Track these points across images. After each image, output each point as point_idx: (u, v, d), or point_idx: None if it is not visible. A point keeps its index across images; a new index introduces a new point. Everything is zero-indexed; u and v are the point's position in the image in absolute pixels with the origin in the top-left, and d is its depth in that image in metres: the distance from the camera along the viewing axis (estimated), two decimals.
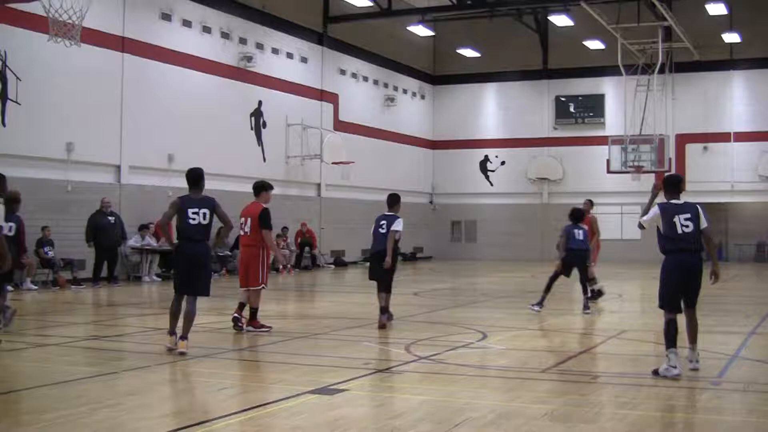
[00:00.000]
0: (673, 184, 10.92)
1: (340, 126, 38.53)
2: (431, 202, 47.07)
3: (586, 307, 17.83)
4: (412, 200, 43.58)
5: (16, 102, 24.19)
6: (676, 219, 10.59)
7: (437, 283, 28.23)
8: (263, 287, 14.82)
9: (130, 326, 16.20)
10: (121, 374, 10.64)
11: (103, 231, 25.19)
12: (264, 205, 14.93)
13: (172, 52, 29.61)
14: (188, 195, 12.47)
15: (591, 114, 44.49)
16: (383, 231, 15.38)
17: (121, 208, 26.83)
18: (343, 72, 39.46)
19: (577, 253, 17.92)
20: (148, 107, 28.42)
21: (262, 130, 33.87)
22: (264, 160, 33.70)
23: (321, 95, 37.62)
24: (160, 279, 27.10)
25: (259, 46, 33.75)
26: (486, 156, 46.38)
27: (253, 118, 33.47)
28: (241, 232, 15.03)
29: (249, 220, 14.74)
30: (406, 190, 42.48)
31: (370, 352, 12.93)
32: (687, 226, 10.58)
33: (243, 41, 32.99)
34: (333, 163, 35.71)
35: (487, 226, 45.87)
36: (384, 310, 15.37)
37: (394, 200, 15.83)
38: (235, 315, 14.82)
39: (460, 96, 46.86)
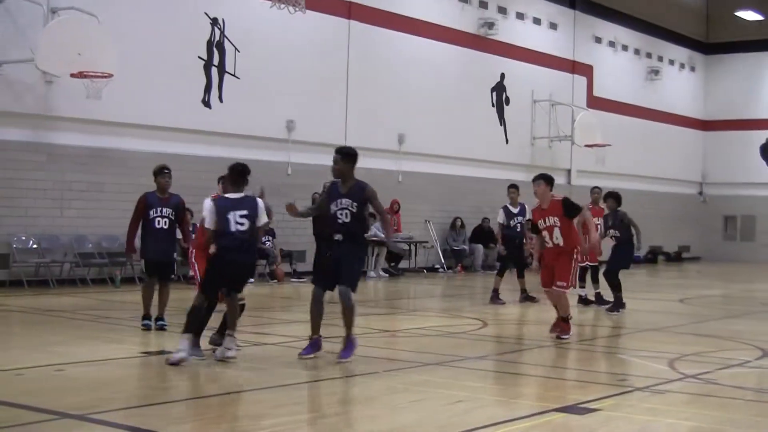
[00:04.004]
0: None
1: (595, 103, 38.23)
2: (701, 193, 46.11)
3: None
4: (678, 190, 42.87)
5: (235, 76, 25.19)
6: None
7: (706, 289, 27.68)
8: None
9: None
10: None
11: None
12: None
13: (402, 18, 29.99)
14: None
15: None
16: None
17: None
18: (598, 40, 39.10)
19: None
20: (375, 82, 28.94)
21: (505, 107, 33.97)
22: (506, 141, 33.87)
23: (573, 67, 37.43)
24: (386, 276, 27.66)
25: (502, 11, 33.82)
26: None
27: (494, 94, 33.61)
28: (549, 244, 14.26)
29: (555, 221, 14.08)
30: (671, 179, 41.83)
31: (626, 366, 12.85)
32: None
33: (483, 5, 33.14)
34: (586, 145, 35.46)
35: None
36: None
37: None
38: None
39: (738, 68, 45.65)
